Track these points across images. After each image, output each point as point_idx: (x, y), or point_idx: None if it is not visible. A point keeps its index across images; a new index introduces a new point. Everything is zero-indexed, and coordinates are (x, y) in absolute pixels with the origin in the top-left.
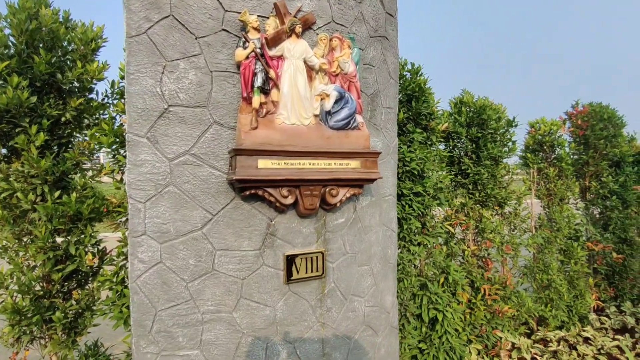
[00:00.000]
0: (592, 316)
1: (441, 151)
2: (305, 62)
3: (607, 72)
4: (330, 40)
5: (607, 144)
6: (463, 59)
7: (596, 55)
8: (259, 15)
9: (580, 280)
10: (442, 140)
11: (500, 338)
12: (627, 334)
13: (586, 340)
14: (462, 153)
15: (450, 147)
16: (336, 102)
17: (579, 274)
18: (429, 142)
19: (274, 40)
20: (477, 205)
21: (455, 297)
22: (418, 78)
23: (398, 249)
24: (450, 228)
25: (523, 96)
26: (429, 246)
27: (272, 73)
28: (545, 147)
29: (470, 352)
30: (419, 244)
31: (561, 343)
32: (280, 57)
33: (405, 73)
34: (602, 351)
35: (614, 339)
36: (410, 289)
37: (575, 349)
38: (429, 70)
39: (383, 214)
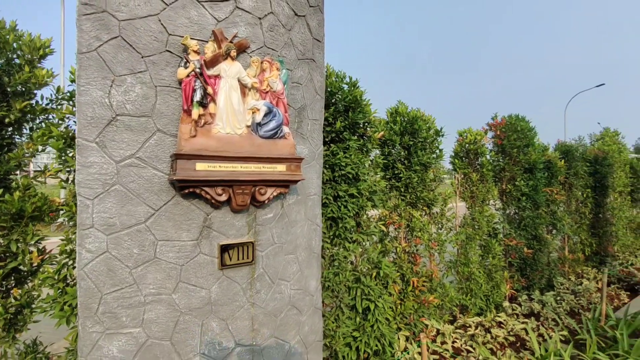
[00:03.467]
0: (506, 304)
1: (377, 157)
2: (239, 80)
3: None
4: (262, 62)
5: (520, 152)
6: (407, 69)
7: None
8: (199, 40)
9: (497, 273)
10: (378, 147)
11: (427, 325)
12: (532, 318)
13: (499, 324)
14: (396, 159)
15: (386, 154)
16: (265, 115)
17: (496, 266)
18: (365, 149)
19: (212, 62)
20: (409, 206)
21: (387, 290)
22: (355, 90)
23: (335, 246)
24: (383, 227)
25: (465, 104)
26: (364, 243)
27: (210, 90)
28: (470, 154)
29: (399, 338)
30: (354, 242)
31: (479, 327)
32: (218, 76)
33: (343, 85)
34: (511, 333)
35: (522, 322)
36: (345, 282)
37: (490, 332)
38: (378, 80)
39: (308, 210)
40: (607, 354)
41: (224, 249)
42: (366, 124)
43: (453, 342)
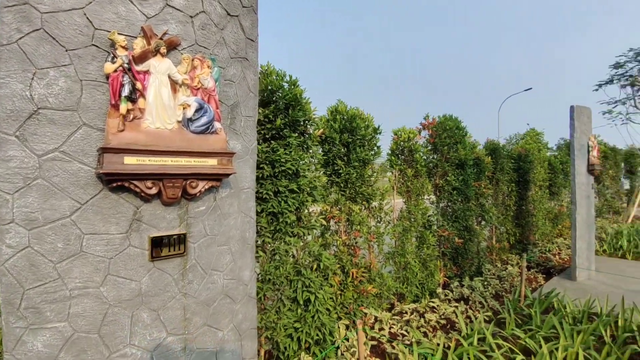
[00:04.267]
0: (439, 290)
1: (318, 154)
2: (169, 77)
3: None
4: (193, 60)
5: (450, 149)
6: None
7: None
8: (127, 35)
9: (431, 262)
10: (318, 144)
11: (366, 314)
12: (462, 302)
13: (433, 309)
14: (336, 155)
15: (326, 150)
16: (197, 111)
17: (431, 256)
18: (306, 146)
19: (141, 58)
20: (348, 201)
21: (327, 281)
22: (295, 89)
23: (276, 240)
24: (324, 221)
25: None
26: (305, 237)
27: (138, 85)
28: (405, 152)
29: (339, 327)
30: (295, 236)
31: (414, 313)
32: (147, 72)
33: (284, 84)
34: (443, 316)
35: (453, 307)
36: (287, 275)
37: (424, 316)
38: (326, 79)
39: (242, 203)
40: (522, 329)
41: (155, 241)
42: (307, 121)
43: (390, 327)
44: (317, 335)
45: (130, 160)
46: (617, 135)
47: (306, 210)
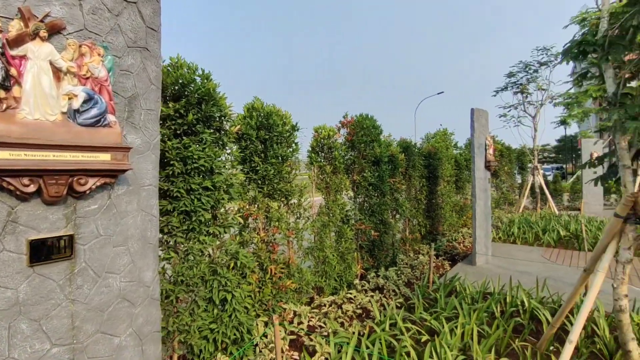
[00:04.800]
0: (357, 281)
1: (235, 151)
2: (51, 63)
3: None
4: (80, 46)
5: (367, 147)
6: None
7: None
8: (3, 17)
9: (349, 255)
10: (235, 140)
11: (285, 309)
12: (377, 291)
13: (350, 300)
14: (253, 152)
15: (243, 147)
16: (85, 102)
17: (349, 249)
18: (221, 142)
19: (17, 41)
20: (266, 198)
21: (245, 279)
22: (208, 83)
23: (189, 240)
24: (240, 219)
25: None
26: (222, 236)
27: (13, 71)
28: (325, 149)
29: (257, 325)
30: (210, 234)
31: (332, 305)
32: (24, 57)
33: (196, 78)
34: (359, 306)
35: (369, 296)
36: (201, 275)
37: (341, 307)
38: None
39: (142, 201)
40: (429, 312)
41: (35, 244)
42: (222, 117)
43: (309, 321)
44: (235, 334)
45: (1, 155)
46: (511, 136)
47: (223, 209)
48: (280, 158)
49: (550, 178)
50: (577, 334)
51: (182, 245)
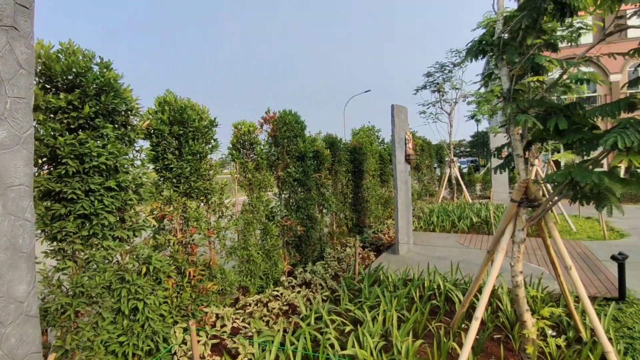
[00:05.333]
0: (283, 278)
1: (146, 148)
2: None
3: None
4: None
5: (290, 142)
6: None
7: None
8: None
9: (275, 252)
10: (145, 137)
11: (207, 313)
12: (304, 287)
13: (276, 297)
14: (166, 149)
15: (155, 144)
16: None
17: (274, 246)
18: (128, 139)
19: None
20: (184, 197)
21: (161, 285)
22: (108, 73)
23: (90, 247)
24: (154, 221)
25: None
26: (132, 240)
27: None
28: (246, 145)
29: (175, 332)
30: (117, 239)
31: (258, 304)
32: None
33: (92, 66)
34: (285, 303)
35: (297, 292)
36: (106, 284)
37: (267, 306)
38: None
39: (10, 204)
40: (354, 302)
41: None
42: (129, 111)
43: (233, 322)
44: (149, 345)
45: None
46: (432, 132)
47: (132, 210)
48: (197, 155)
49: (465, 170)
50: (481, 310)
51: (82, 253)
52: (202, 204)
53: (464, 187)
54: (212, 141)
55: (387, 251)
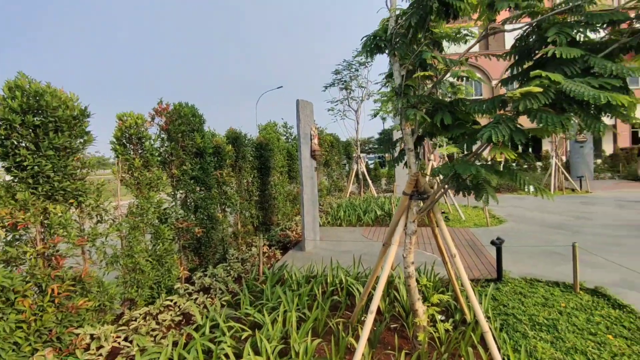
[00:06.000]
0: (178, 285)
1: None
2: None
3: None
4: None
5: (186, 137)
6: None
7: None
8: None
9: (168, 257)
10: None
11: (78, 335)
12: (202, 293)
13: (168, 307)
14: (19, 143)
15: (3, 137)
16: None
17: (168, 251)
18: None
19: None
20: (45, 200)
21: (13, 307)
22: None
23: None
24: (1, 231)
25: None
26: None
27: None
28: (133, 139)
29: None
30: None
31: (146, 317)
32: None
33: None
34: (179, 312)
35: (194, 300)
36: None
37: (157, 318)
38: None
39: None
40: (254, 305)
41: None
42: None
43: (114, 342)
44: None
45: None
46: (342, 129)
47: None
48: (63, 150)
49: (372, 166)
50: (376, 304)
51: None
52: (72, 208)
53: (370, 182)
54: (85, 135)
55: (294, 248)
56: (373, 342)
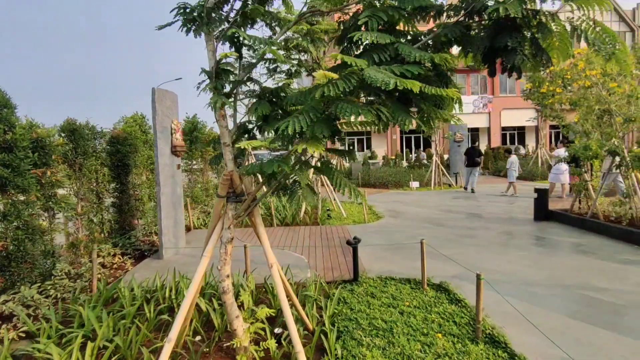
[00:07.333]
0: None
1: None
2: None
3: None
4: None
5: None
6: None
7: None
8: None
9: None
10: None
11: None
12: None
13: None
14: None
15: None
16: None
17: None
18: None
19: None
20: None
21: None
22: None
23: None
24: None
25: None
26: None
27: None
28: None
29: None
30: None
31: None
32: None
33: None
34: None
35: None
36: None
37: None
38: None
39: None
40: (61, 334)
41: None
42: None
43: None
44: None
45: None
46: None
47: None
48: None
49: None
50: (175, 331)
51: None
52: None
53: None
54: None
55: (152, 256)
56: None
